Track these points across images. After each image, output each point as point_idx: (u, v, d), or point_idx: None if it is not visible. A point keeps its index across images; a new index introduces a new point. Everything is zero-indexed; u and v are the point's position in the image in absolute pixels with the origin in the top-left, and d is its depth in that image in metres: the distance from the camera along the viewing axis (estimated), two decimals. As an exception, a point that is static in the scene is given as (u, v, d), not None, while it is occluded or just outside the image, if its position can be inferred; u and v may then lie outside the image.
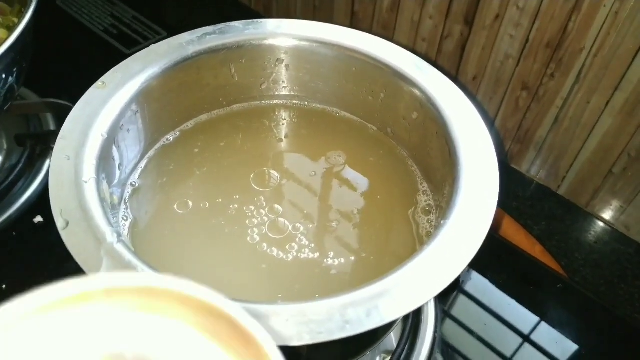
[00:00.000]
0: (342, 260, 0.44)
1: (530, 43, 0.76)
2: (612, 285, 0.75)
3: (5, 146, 0.70)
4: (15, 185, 0.66)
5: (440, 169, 0.46)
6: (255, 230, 0.46)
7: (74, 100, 0.44)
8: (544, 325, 0.60)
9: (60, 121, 0.42)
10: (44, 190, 0.65)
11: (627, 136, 0.73)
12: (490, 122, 0.87)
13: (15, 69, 0.58)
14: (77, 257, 0.34)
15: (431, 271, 0.34)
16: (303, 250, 0.44)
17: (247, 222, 0.46)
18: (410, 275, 0.34)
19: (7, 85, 0.58)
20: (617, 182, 0.78)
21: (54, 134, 0.43)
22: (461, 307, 0.62)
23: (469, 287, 0.63)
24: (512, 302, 0.62)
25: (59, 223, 0.35)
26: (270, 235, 0.45)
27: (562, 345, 0.59)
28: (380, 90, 0.51)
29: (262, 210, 0.47)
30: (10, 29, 0.53)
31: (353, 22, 0.98)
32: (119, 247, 0.34)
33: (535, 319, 0.60)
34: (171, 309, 0.21)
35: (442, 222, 0.38)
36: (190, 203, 0.47)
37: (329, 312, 0.32)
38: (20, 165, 0.68)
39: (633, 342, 0.61)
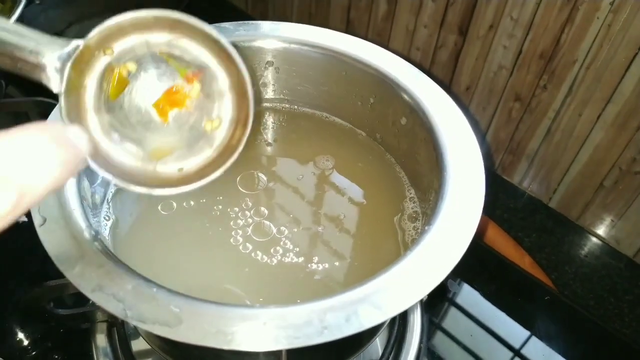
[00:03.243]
0: (327, 265, 0.43)
1: (523, 54, 0.76)
2: (601, 299, 0.75)
3: (-8, 144, 0.70)
4: (1, 184, 0.66)
5: (427, 175, 0.45)
6: (240, 232, 0.45)
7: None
8: (533, 338, 0.59)
9: (47, 119, 0.41)
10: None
11: (619, 149, 0.73)
12: (482, 133, 0.87)
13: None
14: (53, 255, 0.33)
15: (413, 277, 0.34)
16: (287, 254, 0.44)
17: (231, 223, 0.45)
18: (391, 281, 0.34)
19: (-5, 83, 0.57)
20: (608, 195, 0.77)
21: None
22: (451, 319, 0.61)
23: (458, 299, 0.63)
24: (502, 315, 0.61)
25: (36, 220, 0.35)
26: (254, 237, 0.45)
27: (550, 358, 0.58)
28: (370, 95, 0.51)
29: (247, 212, 0.47)
30: (0, 26, 0.53)
31: (348, 30, 0.98)
32: (96, 246, 0.34)
33: (525, 332, 0.60)
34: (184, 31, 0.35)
35: (426, 227, 0.37)
36: (174, 204, 0.47)
37: (308, 317, 0.31)
38: (7, 164, 0.67)
39: (622, 357, 0.60)
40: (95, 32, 0.33)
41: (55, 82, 0.33)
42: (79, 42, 0.33)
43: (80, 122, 0.34)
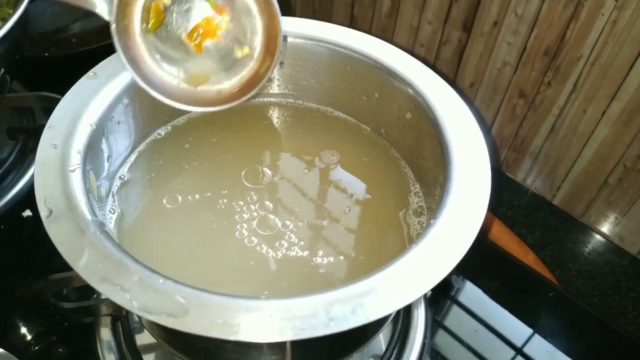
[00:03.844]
0: (331, 260, 0.43)
1: (527, 51, 0.75)
2: (605, 296, 0.75)
3: (-4, 139, 0.70)
4: (5, 179, 0.66)
5: (432, 169, 0.45)
6: (245, 225, 0.45)
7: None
8: (536, 336, 0.59)
9: (51, 114, 0.41)
10: (34, 184, 0.65)
11: (623, 146, 0.72)
12: (486, 130, 0.87)
13: (7, 61, 0.57)
14: (59, 246, 0.33)
15: (418, 270, 0.34)
16: (292, 248, 0.44)
17: (236, 217, 0.46)
18: (397, 274, 0.34)
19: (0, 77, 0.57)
20: (612, 193, 0.77)
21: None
22: (453, 315, 0.61)
23: (461, 296, 0.63)
24: (505, 312, 0.61)
25: (43, 212, 0.35)
26: (259, 231, 0.45)
27: (553, 356, 0.58)
28: (375, 90, 0.51)
29: (252, 206, 0.47)
30: (5, 20, 0.53)
31: (352, 26, 0.97)
32: (102, 237, 0.34)
33: (528, 330, 0.60)
34: None
35: (431, 222, 0.37)
36: (179, 197, 0.47)
37: (313, 309, 0.31)
38: (11, 159, 0.68)
39: (626, 355, 0.60)
40: None
41: (104, 11, 0.37)
42: None
43: (135, 54, 0.40)
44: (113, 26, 0.38)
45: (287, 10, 1.05)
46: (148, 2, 0.40)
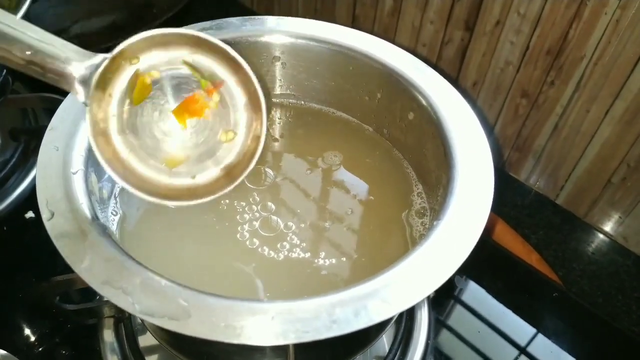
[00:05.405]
0: (334, 261, 0.43)
1: (530, 50, 0.75)
2: (609, 296, 0.74)
3: (-1, 140, 0.70)
4: (8, 180, 0.66)
5: (435, 170, 0.45)
6: (246, 227, 0.45)
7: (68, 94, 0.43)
8: (539, 336, 0.59)
9: (54, 115, 0.41)
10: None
11: (626, 146, 0.72)
12: (489, 129, 0.87)
13: (10, 62, 0.57)
14: (61, 249, 0.33)
15: (422, 272, 0.34)
16: (294, 250, 0.44)
17: (238, 218, 0.45)
18: (400, 275, 0.33)
19: (2, 78, 0.57)
20: (615, 192, 0.77)
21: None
22: (457, 315, 0.61)
23: (464, 296, 0.62)
24: (508, 312, 0.61)
25: (44, 214, 0.35)
26: (261, 232, 0.45)
27: (557, 356, 0.58)
28: (377, 90, 0.50)
29: (254, 207, 0.46)
30: (7, 22, 0.53)
31: (354, 26, 0.97)
32: (104, 240, 0.34)
33: (532, 330, 0.60)
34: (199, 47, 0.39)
35: (434, 223, 0.37)
36: (181, 199, 0.47)
37: (317, 311, 0.31)
38: (14, 160, 0.68)
39: (630, 355, 0.60)
40: (121, 46, 0.36)
41: (81, 92, 0.36)
42: (106, 55, 0.36)
43: (106, 129, 0.38)
44: (87, 108, 0.36)
45: (289, 10, 1.04)
46: (134, 76, 0.38)
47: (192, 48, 0.39)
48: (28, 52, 0.34)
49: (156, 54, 0.38)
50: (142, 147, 0.39)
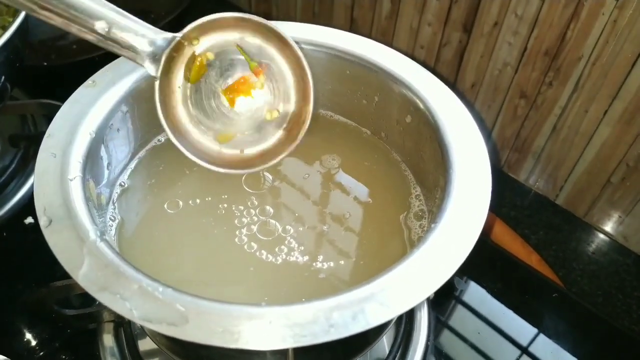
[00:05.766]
0: (332, 264, 0.43)
1: (528, 51, 0.75)
2: (609, 296, 0.74)
3: (-2, 147, 0.70)
4: (7, 186, 0.66)
5: (432, 172, 0.45)
6: (244, 230, 0.45)
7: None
8: (541, 336, 0.59)
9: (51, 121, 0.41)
10: (35, 191, 0.66)
11: (625, 146, 0.72)
12: (488, 131, 0.86)
13: (8, 69, 0.58)
14: (59, 255, 0.33)
15: (420, 275, 0.34)
16: (292, 253, 0.44)
17: (236, 222, 0.46)
18: (397, 278, 0.33)
19: (0, 85, 0.57)
20: (615, 192, 0.77)
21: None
22: (457, 316, 0.61)
23: (465, 296, 0.62)
24: (509, 313, 0.61)
25: (42, 221, 0.35)
26: (259, 236, 0.45)
27: (558, 355, 0.58)
28: (375, 94, 0.50)
29: (252, 211, 0.47)
30: (5, 29, 0.53)
31: (352, 29, 0.98)
32: (102, 246, 0.34)
33: (533, 330, 0.60)
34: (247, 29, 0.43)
35: (432, 225, 0.37)
36: (180, 202, 0.47)
37: (314, 315, 0.31)
38: (13, 166, 0.68)
39: (631, 354, 0.60)
40: (189, 28, 0.41)
41: (151, 67, 0.40)
42: (176, 35, 0.41)
43: (169, 101, 0.42)
44: (157, 82, 0.41)
45: (287, 13, 1.04)
46: (192, 56, 0.42)
47: (244, 32, 0.43)
48: (107, 29, 0.38)
49: (213, 37, 0.42)
50: (197, 121, 0.44)
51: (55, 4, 0.36)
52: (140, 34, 0.39)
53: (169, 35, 0.41)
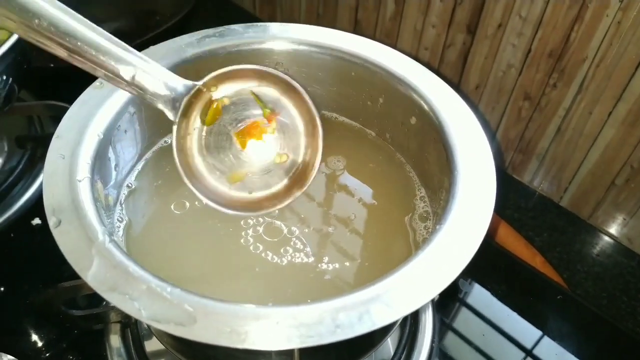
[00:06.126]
0: (337, 266, 0.44)
1: (532, 53, 0.75)
2: (614, 298, 0.74)
3: (5, 148, 0.70)
4: (15, 187, 0.67)
5: (437, 174, 0.45)
6: (250, 231, 0.45)
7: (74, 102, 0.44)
8: (545, 338, 0.59)
9: (59, 123, 0.42)
10: (42, 193, 0.66)
11: (630, 147, 0.72)
12: (492, 132, 0.87)
13: (16, 70, 0.58)
14: (68, 256, 0.33)
15: (425, 276, 0.34)
16: (297, 255, 0.44)
17: (242, 223, 0.46)
18: (403, 280, 0.34)
19: (8, 86, 0.58)
20: (619, 194, 0.77)
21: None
22: (462, 318, 0.61)
23: (469, 299, 0.63)
24: (513, 315, 0.61)
25: (51, 221, 0.35)
26: (265, 237, 0.45)
27: (562, 358, 0.58)
28: (379, 95, 0.51)
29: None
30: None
31: (356, 31, 0.98)
32: (110, 247, 0.34)
33: (537, 332, 0.60)
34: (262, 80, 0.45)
35: (437, 227, 0.37)
36: (187, 203, 0.47)
37: (320, 316, 0.31)
38: (20, 167, 0.68)
39: (635, 356, 0.60)
40: (210, 77, 0.43)
41: (171, 113, 0.42)
42: (197, 83, 0.43)
43: (184, 143, 0.44)
44: (175, 126, 0.42)
45: (291, 15, 1.04)
46: (208, 101, 0.44)
47: (261, 81, 0.45)
48: (132, 75, 0.40)
49: (230, 85, 0.44)
50: (210, 162, 0.45)
51: (85, 50, 0.38)
52: (162, 81, 0.41)
53: (190, 83, 0.42)
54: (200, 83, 0.43)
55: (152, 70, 0.41)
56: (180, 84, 0.42)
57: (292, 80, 0.44)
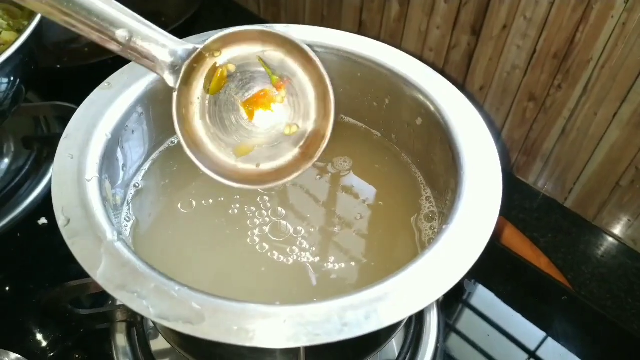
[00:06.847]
0: (343, 265, 0.44)
1: (537, 54, 0.75)
2: (618, 299, 0.74)
3: (12, 148, 0.71)
4: (21, 187, 0.67)
5: (443, 175, 0.45)
6: (256, 231, 0.45)
7: (81, 103, 0.44)
8: (549, 339, 0.59)
9: (66, 124, 0.42)
10: (49, 192, 0.66)
11: (635, 148, 0.72)
12: (497, 133, 0.87)
13: (23, 71, 0.58)
14: (77, 254, 0.34)
15: (431, 276, 0.34)
16: (303, 254, 0.44)
17: (248, 222, 0.46)
18: (410, 279, 0.34)
19: (15, 87, 0.58)
20: (624, 195, 0.77)
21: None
22: (466, 319, 0.61)
23: (473, 300, 0.63)
24: (518, 316, 0.61)
25: (60, 220, 0.35)
26: (271, 237, 0.45)
27: (567, 359, 0.58)
28: (385, 96, 0.51)
29: (264, 212, 0.47)
30: (21, 32, 0.54)
31: (360, 32, 0.98)
32: (119, 246, 0.34)
33: (541, 333, 0.60)
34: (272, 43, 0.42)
35: (443, 227, 0.37)
36: (193, 202, 0.47)
37: (328, 314, 0.31)
38: (27, 168, 0.69)
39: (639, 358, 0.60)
40: (211, 39, 0.40)
41: (170, 79, 0.40)
42: (197, 46, 0.40)
43: (187, 112, 0.41)
44: (175, 94, 0.40)
45: (296, 16, 1.04)
46: (213, 68, 0.41)
47: (267, 45, 0.42)
48: (128, 37, 0.37)
49: (235, 49, 0.42)
50: (215, 133, 0.43)
51: (77, 11, 0.36)
52: (160, 44, 0.39)
53: (190, 46, 0.40)
54: (201, 46, 0.40)
55: (150, 33, 0.38)
56: (180, 47, 0.40)
57: (298, 40, 0.42)
